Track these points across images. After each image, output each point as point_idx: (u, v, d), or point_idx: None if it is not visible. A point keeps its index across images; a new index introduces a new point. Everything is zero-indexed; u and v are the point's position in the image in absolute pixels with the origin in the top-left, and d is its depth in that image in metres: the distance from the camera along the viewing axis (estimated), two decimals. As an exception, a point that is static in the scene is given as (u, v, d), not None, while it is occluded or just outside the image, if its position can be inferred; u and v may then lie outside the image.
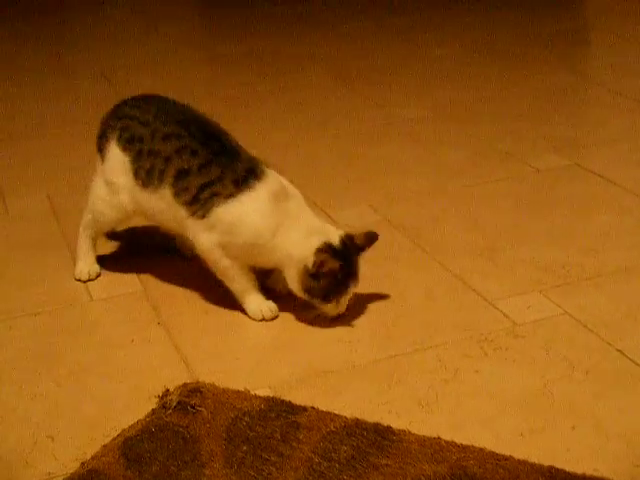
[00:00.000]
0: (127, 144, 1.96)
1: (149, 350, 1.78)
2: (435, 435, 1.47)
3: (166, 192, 1.89)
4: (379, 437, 1.47)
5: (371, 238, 1.88)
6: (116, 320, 1.90)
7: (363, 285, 1.95)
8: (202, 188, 1.85)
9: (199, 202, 1.85)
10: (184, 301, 1.95)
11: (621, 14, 4.06)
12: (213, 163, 1.85)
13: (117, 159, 1.97)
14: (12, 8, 5.09)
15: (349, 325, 1.84)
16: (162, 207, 1.91)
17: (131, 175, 1.94)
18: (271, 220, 1.82)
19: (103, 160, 2.01)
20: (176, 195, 1.87)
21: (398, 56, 3.62)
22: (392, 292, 1.95)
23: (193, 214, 1.86)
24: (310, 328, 1.83)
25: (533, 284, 1.94)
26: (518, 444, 1.46)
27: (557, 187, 2.40)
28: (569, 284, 1.93)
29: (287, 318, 1.87)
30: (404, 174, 2.52)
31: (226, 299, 1.93)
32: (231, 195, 1.83)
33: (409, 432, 1.48)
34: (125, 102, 2.06)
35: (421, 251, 2.11)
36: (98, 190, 2.02)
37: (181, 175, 1.87)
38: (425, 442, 1.45)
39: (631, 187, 2.35)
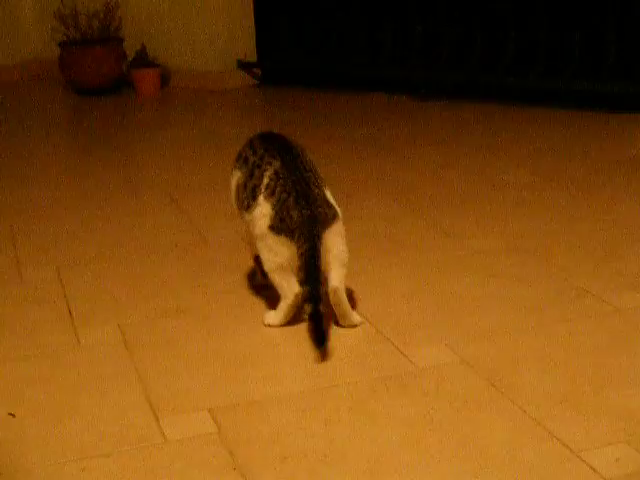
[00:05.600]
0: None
1: (225, 499, 1.74)
2: None
3: None
4: None
5: None
6: (189, 464, 1.85)
7: (440, 430, 1.90)
8: None
9: None
10: (261, 445, 1.90)
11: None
12: None
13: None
14: (79, 126, 5.20)
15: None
16: None
17: None
18: None
19: None
20: None
21: (464, 182, 3.61)
22: (471, 440, 1.89)
23: None
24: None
25: (619, 434, 1.87)
26: None
27: (638, 326, 2.34)
28: (658, 436, 1.86)
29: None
30: (480, 311, 2.48)
31: (306, 445, 1.89)
32: None
33: None
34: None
35: (500, 395, 2.05)
36: None
37: None
38: None
39: None
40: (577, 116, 4.52)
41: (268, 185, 2.38)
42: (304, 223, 2.31)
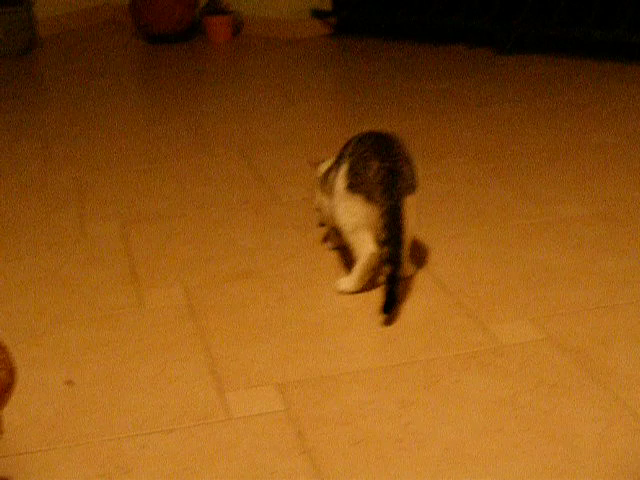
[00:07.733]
0: None
1: (292, 485, 1.62)
2: None
3: None
4: None
5: None
6: (255, 445, 1.73)
7: (524, 416, 1.75)
8: None
9: None
10: (332, 427, 1.77)
11: None
12: None
13: None
14: (149, 74, 5.09)
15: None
16: None
17: None
18: None
19: None
20: None
21: (551, 143, 3.41)
22: (558, 429, 1.74)
23: None
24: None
25: None
26: None
27: None
28: None
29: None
30: (567, 284, 2.31)
31: (379, 428, 1.76)
32: None
33: None
34: None
35: (591, 379, 1.89)
36: None
37: None
38: None
39: None
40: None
41: (351, 151, 2.25)
42: (386, 177, 2.16)
